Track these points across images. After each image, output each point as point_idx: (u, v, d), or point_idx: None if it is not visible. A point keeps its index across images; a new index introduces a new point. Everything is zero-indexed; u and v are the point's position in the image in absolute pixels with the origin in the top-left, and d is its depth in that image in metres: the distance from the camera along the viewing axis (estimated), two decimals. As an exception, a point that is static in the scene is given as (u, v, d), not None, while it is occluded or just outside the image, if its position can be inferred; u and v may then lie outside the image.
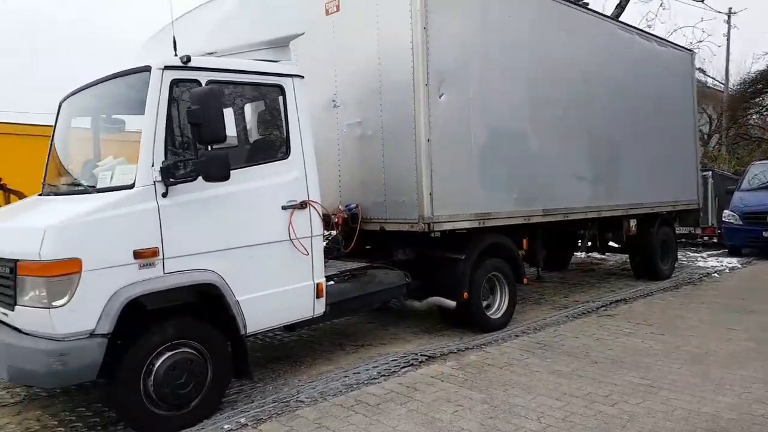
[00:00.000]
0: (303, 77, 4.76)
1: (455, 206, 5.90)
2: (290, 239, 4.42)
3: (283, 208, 4.40)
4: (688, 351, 5.28)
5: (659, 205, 9.28)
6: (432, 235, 5.74)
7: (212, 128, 3.66)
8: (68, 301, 3.32)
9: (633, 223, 8.98)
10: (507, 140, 6.51)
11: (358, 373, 4.75)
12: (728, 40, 27.04)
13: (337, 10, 6.28)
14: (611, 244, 9.53)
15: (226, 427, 3.74)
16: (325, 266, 5.50)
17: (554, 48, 7.20)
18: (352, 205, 6.12)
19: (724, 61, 26.34)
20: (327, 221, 6.22)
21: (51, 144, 4.67)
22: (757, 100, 25.05)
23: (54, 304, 3.31)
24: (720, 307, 7.11)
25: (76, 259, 3.34)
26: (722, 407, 3.94)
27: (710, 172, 14.69)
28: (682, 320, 6.49)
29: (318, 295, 4.68)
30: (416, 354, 5.20)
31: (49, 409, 4.27)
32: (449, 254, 6.16)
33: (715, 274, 9.81)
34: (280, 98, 4.54)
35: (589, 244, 9.03)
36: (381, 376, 4.67)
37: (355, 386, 4.43)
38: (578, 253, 11.66)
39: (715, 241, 13.91)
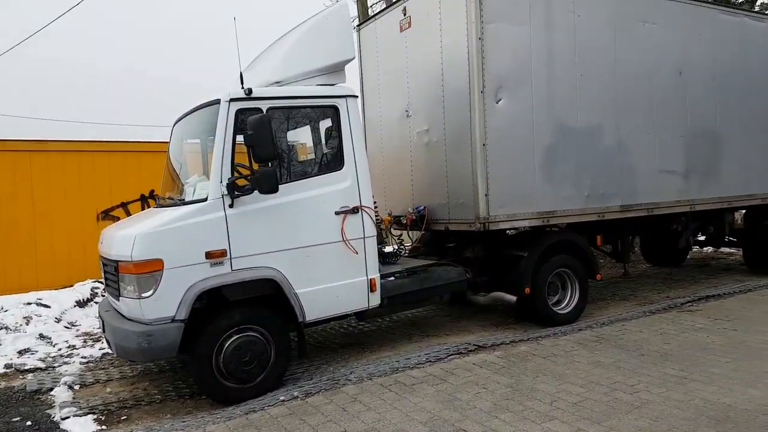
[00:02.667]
0: (356, 96, 5.43)
1: (514, 206, 6.20)
2: (342, 240, 5.13)
3: (336, 213, 5.12)
4: (750, 347, 5.11)
5: (774, 195, 8.57)
6: (487, 232, 6.08)
7: (263, 149, 4.47)
8: (153, 293, 4.31)
9: (739, 216, 8.42)
10: (578, 139, 6.60)
11: (409, 358, 5.32)
12: None
13: (409, 26, 6.87)
14: (728, 238, 9.00)
15: (281, 398, 4.51)
16: (395, 263, 6.23)
17: (638, 41, 7.11)
18: (421, 207, 6.69)
19: None
20: (399, 222, 6.93)
21: (166, 162, 5.85)
22: None
23: (143, 295, 4.32)
24: (828, 304, 6.55)
25: (159, 260, 4.32)
26: (743, 399, 3.93)
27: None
28: (769, 317, 6.14)
29: (372, 289, 5.34)
30: (468, 343, 5.64)
31: (155, 382, 5.40)
32: (513, 251, 6.49)
33: None
34: (335, 116, 5.26)
35: (691, 238, 8.59)
36: (428, 361, 5.19)
37: (400, 369, 5.01)
38: (705, 248, 11.07)
39: None
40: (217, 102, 4.79)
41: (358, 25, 7.88)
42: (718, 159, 7.92)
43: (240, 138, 4.70)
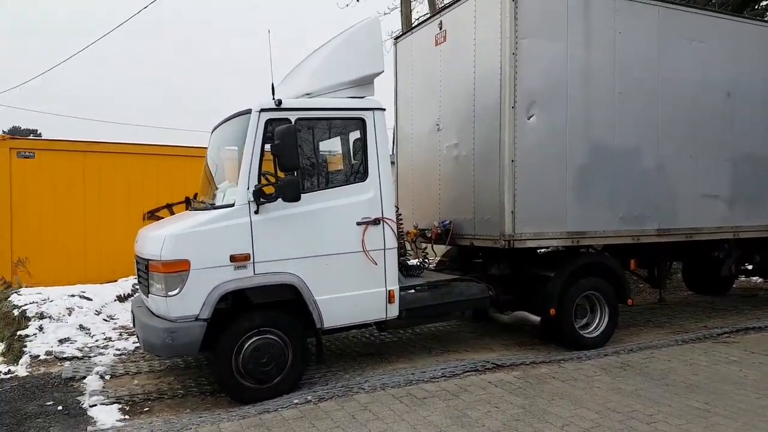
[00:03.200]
0: (384, 109, 5.48)
1: (543, 224, 6.11)
2: (363, 251, 5.18)
3: (358, 223, 5.19)
4: (785, 384, 4.85)
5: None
6: (511, 250, 6.00)
7: (289, 159, 4.60)
8: (179, 292, 4.48)
9: (789, 245, 8.00)
10: (612, 160, 6.45)
11: (425, 371, 5.30)
12: None
13: (444, 40, 6.91)
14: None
15: (295, 401, 4.59)
16: (418, 276, 6.25)
17: (683, 60, 6.92)
18: (446, 222, 6.68)
19: None
20: (423, 236, 6.93)
21: (204, 167, 6.06)
22: None
23: (169, 293, 4.50)
24: None
25: (186, 260, 4.49)
26: (767, 438, 3.73)
27: None
28: (813, 354, 5.80)
29: (390, 301, 5.37)
30: (487, 361, 5.56)
31: (180, 378, 5.59)
32: (540, 271, 6.39)
33: None
34: (362, 129, 5.34)
35: (735, 267, 8.21)
36: (443, 376, 5.16)
37: (414, 382, 5.01)
38: (757, 278, 10.57)
39: None
40: (249, 112, 4.95)
41: (396, 38, 7.98)
42: (766, 185, 7.57)
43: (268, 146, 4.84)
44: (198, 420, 4.33)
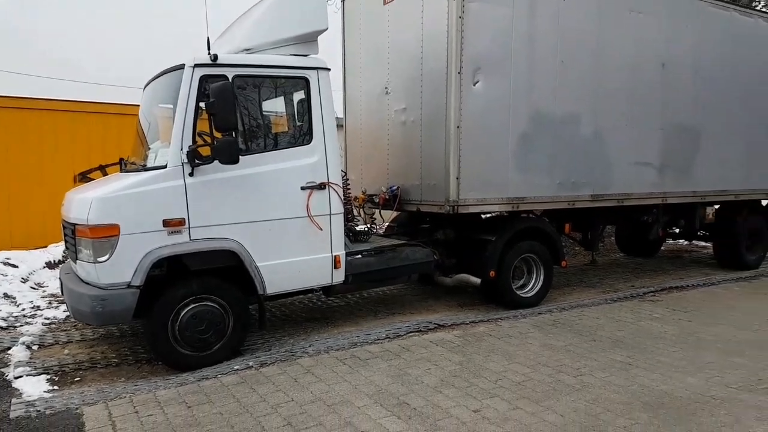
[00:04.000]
0: (329, 69, 5.37)
1: (486, 190, 6.24)
2: (307, 216, 5.18)
3: (302, 188, 5.15)
4: (700, 337, 5.25)
5: (747, 193, 8.67)
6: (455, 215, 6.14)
7: (225, 118, 4.44)
8: (109, 258, 4.34)
9: (710, 210, 8.56)
10: (554, 127, 6.61)
11: (369, 334, 5.42)
12: None
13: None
14: (700, 232, 9.14)
15: (236, 367, 4.59)
16: (365, 241, 6.30)
17: (623, 31, 7.07)
18: (394, 187, 6.73)
19: None
20: (372, 201, 6.98)
21: (136, 127, 5.81)
22: None
23: (98, 260, 4.35)
24: (784, 301, 6.71)
25: (115, 225, 4.33)
26: (680, 387, 4.06)
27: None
28: (725, 310, 6.28)
29: (336, 266, 5.41)
30: (429, 322, 5.74)
31: (114, 346, 5.47)
32: (481, 235, 6.58)
33: (815, 268, 8.96)
34: (305, 89, 5.23)
35: (661, 230, 8.69)
36: (387, 337, 5.29)
37: (359, 344, 5.11)
38: (682, 241, 11.22)
39: None
40: (182, 67, 4.75)
41: (342, -3, 7.81)
42: (694, 154, 7.98)
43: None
44: (133, 388, 4.26)
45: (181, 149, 4.58)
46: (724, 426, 3.47)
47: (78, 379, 4.65)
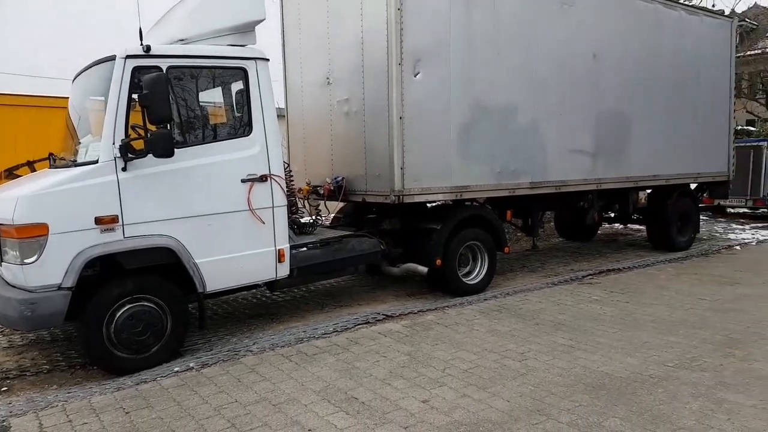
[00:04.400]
0: (268, 60, 5.24)
1: (430, 180, 6.26)
2: (249, 209, 5.04)
3: (243, 181, 5.00)
4: (636, 318, 5.46)
5: (676, 177, 9.09)
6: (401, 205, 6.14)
7: (159, 110, 4.26)
8: (37, 259, 4.09)
9: (643, 195, 8.92)
10: (493, 116, 6.71)
11: (316, 328, 5.34)
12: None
13: (332, -11, 6.68)
14: (634, 216, 9.51)
15: (176, 369, 4.42)
16: (311, 233, 6.21)
17: (556, 23, 7.24)
18: (339, 178, 6.65)
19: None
20: (316, 192, 6.88)
21: (66, 120, 5.48)
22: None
23: (26, 261, 4.09)
24: (711, 279, 7.08)
25: (43, 224, 4.08)
26: (621, 367, 4.20)
27: (765, 142, 13.86)
28: (659, 290, 6.56)
29: (280, 260, 5.29)
30: (378, 313, 5.72)
31: (45, 352, 5.18)
32: (427, 224, 6.60)
33: (737, 247, 9.55)
34: (243, 79, 5.08)
35: (597, 215, 8.99)
36: (335, 331, 5.23)
37: (305, 339, 5.03)
38: (618, 225, 11.64)
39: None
40: (113, 58, 4.53)
41: (281, -14, 7.62)
42: (626, 141, 8.28)
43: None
44: (66, 396, 4.03)
45: (113, 143, 4.37)
46: (662, 403, 3.60)
47: (5, 388, 4.36)
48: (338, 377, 4.16)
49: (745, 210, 14.07)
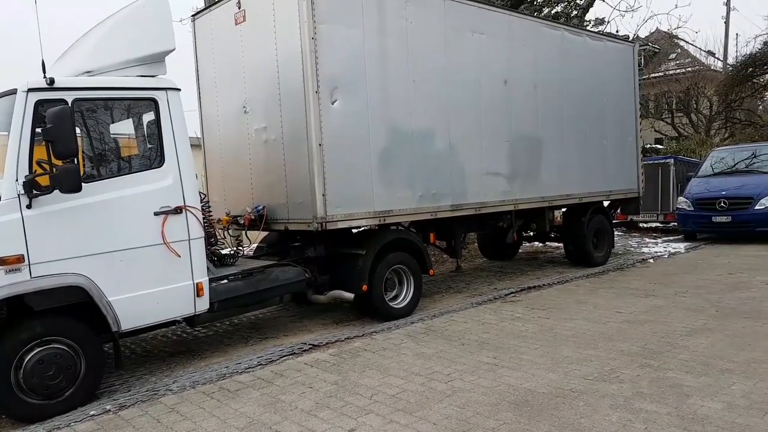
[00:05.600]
0: (179, 89, 5.14)
1: (352, 205, 6.28)
2: (163, 243, 4.85)
3: (156, 213, 4.82)
4: (557, 333, 5.65)
5: (589, 196, 9.54)
6: (321, 232, 6.10)
7: (64, 144, 4.09)
8: None
9: (558, 213, 9.34)
10: (411, 142, 6.83)
11: (240, 363, 5.17)
12: (727, 22, 27.31)
13: (244, 20, 6.64)
14: (552, 234, 9.90)
15: (92, 413, 4.16)
16: (232, 264, 6.04)
17: (467, 51, 7.51)
18: (260, 207, 6.54)
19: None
20: (237, 222, 6.73)
21: None
22: (749, 84, 24.38)
23: (-77, 305, 3.76)
24: (626, 293, 7.45)
25: None
26: (542, 383, 4.31)
27: (672, 159, 14.93)
28: (578, 305, 6.83)
29: (199, 294, 5.11)
30: (304, 343, 5.61)
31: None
32: (351, 250, 6.59)
33: (651, 260, 10.13)
34: (154, 110, 4.95)
35: (516, 234, 9.29)
36: (259, 365, 5.08)
37: (228, 375, 4.85)
38: (537, 243, 12.07)
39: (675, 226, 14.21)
40: (14, 92, 4.32)
41: (193, 15, 7.52)
42: (538, 162, 8.66)
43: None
44: (-33, 452, 3.73)
45: (17, 180, 4.14)
46: (583, 417, 3.72)
47: None
48: (263, 412, 4.03)
49: (657, 224, 14.99)
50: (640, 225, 15.35)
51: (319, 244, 6.59)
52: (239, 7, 6.60)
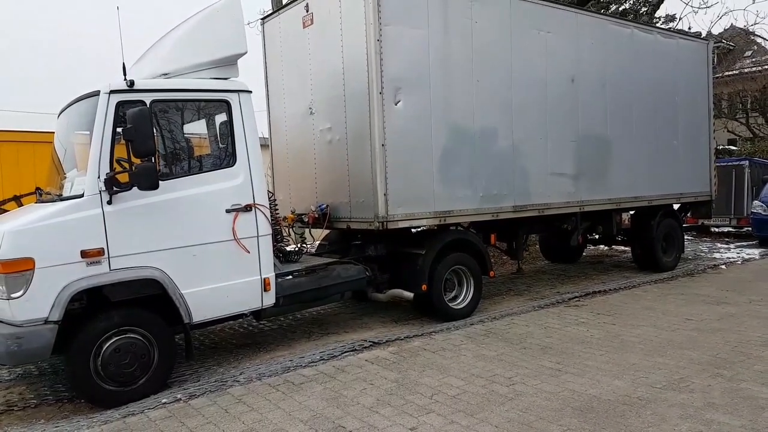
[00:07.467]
0: (250, 91, 5.32)
1: (413, 205, 6.32)
2: (234, 239, 5.04)
3: (227, 211, 5.02)
4: (624, 340, 5.48)
5: (659, 198, 9.22)
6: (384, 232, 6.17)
7: (142, 144, 4.33)
8: (24, 294, 4.08)
9: (626, 216, 9.04)
10: (473, 142, 6.81)
11: (303, 357, 5.30)
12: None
13: (312, 23, 6.82)
14: (619, 237, 9.60)
15: (163, 401, 4.37)
16: (296, 261, 6.21)
17: (532, 49, 7.41)
18: (323, 206, 6.69)
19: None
20: (301, 220, 6.90)
21: (51, 154, 5.50)
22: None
23: (12, 296, 4.08)
24: (697, 299, 7.14)
25: (29, 258, 4.08)
26: (608, 390, 4.21)
27: (747, 161, 14.17)
28: (646, 311, 6.60)
29: (266, 289, 5.28)
30: (364, 340, 5.69)
31: (33, 386, 5.12)
32: (411, 250, 6.63)
33: (723, 266, 9.65)
34: (227, 111, 5.15)
35: (581, 237, 9.06)
36: (321, 359, 5.20)
37: (292, 368, 4.98)
38: (603, 246, 11.74)
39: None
40: (96, 93, 4.59)
41: (262, 19, 7.75)
42: (606, 163, 8.42)
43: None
44: (54, 430, 4.00)
45: (98, 177, 4.41)
46: (650, 426, 3.61)
47: (-10, 425, 4.29)
48: (326, 406, 4.13)
49: (730, 229, 14.27)
50: (712, 229, 14.66)
51: (379, 243, 6.67)
52: (307, 11, 6.76)
